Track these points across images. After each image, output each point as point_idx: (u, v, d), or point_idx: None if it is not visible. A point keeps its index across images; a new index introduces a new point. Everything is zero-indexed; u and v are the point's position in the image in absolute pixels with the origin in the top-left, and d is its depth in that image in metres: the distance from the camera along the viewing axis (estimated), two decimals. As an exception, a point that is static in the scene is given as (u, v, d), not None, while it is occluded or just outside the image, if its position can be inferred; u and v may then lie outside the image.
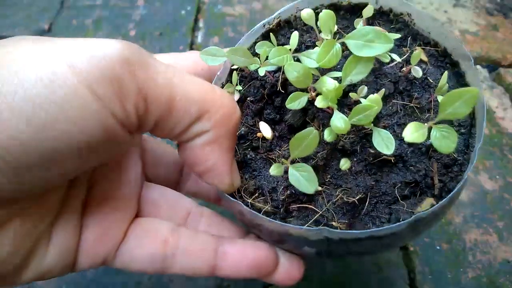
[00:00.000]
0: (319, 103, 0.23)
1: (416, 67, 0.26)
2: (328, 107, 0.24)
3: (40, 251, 0.23)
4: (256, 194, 0.26)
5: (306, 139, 0.22)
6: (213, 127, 0.21)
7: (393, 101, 0.25)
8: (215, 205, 0.35)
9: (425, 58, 0.27)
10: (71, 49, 0.18)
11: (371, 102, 0.22)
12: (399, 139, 0.24)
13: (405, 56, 0.26)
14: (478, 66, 0.67)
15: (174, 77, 0.20)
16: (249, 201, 0.25)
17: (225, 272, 0.26)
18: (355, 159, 0.24)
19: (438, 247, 0.44)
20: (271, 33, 0.27)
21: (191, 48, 0.68)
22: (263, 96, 0.28)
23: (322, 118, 0.25)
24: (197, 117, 0.21)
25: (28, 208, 0.22)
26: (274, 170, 0.24)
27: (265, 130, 0.27)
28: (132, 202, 0.27)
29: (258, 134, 0.27)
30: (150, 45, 0.68)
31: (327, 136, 0.23)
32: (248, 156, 0.27)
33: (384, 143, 0.22)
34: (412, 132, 0.21)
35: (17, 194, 0.20)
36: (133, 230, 0.26)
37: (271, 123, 0.27)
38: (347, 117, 0.23)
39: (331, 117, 0.23)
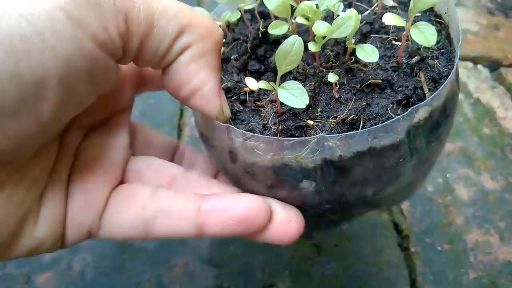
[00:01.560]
0: (300, 20, 0.23)
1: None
2: (311, 37, 0.24)
3: (30, 223, 0.22)
4: (247, 135, 0.24)
5: (292, 48, 0.21)
6: (196, 41, 0.21)
7: (372, 36, 0.26)
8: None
9: (394, 4, 0.28)
10: None
11: (348, 15, 0.22)
12: (383, 69, 0.25)
13: (375, 5, 0.28)
14: (479, 66, 0.66)
15: None
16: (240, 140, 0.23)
17: (212, 230, 0.24)
18: (343, 89, 0.24)
19: (439, 248, 0.43)
20: None
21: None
22: (246, 50, 0.28)
23: (306, 59, 0.25)
24: (179, 31, 0.20)
25: (18, 174, 0.21)
26: (263, 84, 0.23)
27: (251, 83, 0.26)
28: (116, 171, 0.26)
29: (245, 89, 0.27)
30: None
31: (312, 46, 0.23)
32: (236, 108, 0.26)
33: (367, 54, 0.23)
34: (392, 17, 0.22)
35: (6, 149, 0.19)
36: (113, 196, 0.25)
37: (257, 75, 0.28)
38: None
39: (313, 56, 0.23)
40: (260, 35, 0.27)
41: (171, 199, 0.25)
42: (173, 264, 0.41)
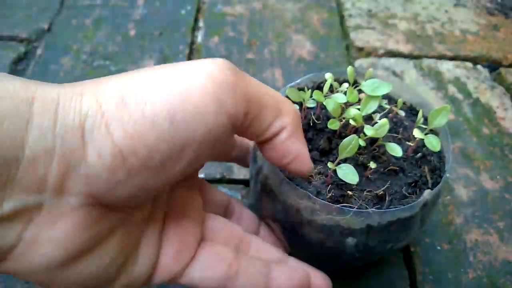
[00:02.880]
0: (352, 122, 0.33)
1: (400, 110, 0.38)
2: (347, 133, 0.35)
3: (129, 264, 0.25)
4: (315, 200, 0.31)
5: (351, 143, 0.31)
6: (289, 123, 0.27)
7: (387, 134, 0.36)
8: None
9: (403, 114, 0.39)
10: (202, 65, 0.23)
11: (383, 122, 0.33)
12: (396, 159, 0.35)
13: (387, 109, 0.37)
14: (479, 66, 0.67)
15: (257, 81, 0.26)
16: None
17: None
18: (371, 171, 0.34)
19: (438, 248, 0.44)
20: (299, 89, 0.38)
21: (191, 48, 0.68)
22: None
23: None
24: (277, 114, 0.26)
25: (127, 218, 0.25)
26: (330, 165, 0.32)
27: None
28: (200, 227, 0.30)
29: None
30: (150, 45, 0.68)
31: (361, 142, 0.32)
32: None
33: (394, 150, 0.33)
34: (418, 133, 0.33)
35: (135, 196, 0.23)
36: (201, 252, 0.29)
37: None
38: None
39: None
40: (310, 124, 0.36)
41: (248, 263, 0.30)
42: (173, 264, 0.41)
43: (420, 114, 0.35)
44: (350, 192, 0.32)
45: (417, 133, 0.33)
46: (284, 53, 0.68)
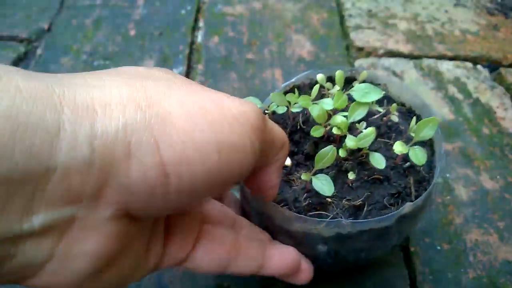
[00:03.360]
0: (335, 131, 0.32)
1: (394, 114, 0.36)
2: (335, 137, 0.34)
3: (144, 260, 0.27)
4: (282, 204, 0.32)
5: (328, 154, 0.31)
6: (282, 156, 0.29)
7: (378, 139, 0.35)
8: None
9: (397, 119, 0.37)
10: (238, 105, 0.24)
11: (368, 132, 0.32)
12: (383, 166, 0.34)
13: (383, 111, 0.36)
14: (479, 66, 0.67)
15: (271, 123, 0.28)
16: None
17: (269, 271, 0.32)
18: (354, 178, 0.33)
19: (438, 247, 0.44)
20: (290, 92, 0.38)
21: (191, 48, 0.68)
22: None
23: None
24: (279, 150, 0.28)
25: (144, 224, 0.26)
26: (304, 176, 0.32)
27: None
28: (199, 214, 0.31)
29: None
30: (150, 45, 0.68)
31: (341, 153, 0.32)
32: None
33: (377, 161, 0.32)
34: (399, 147, 0.31)
35: (163, 213, 0.25)
36: (203, 236, 0.30)
37: (291, 154, 0.35)
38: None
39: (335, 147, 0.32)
40: (298, 127, 0.36)
41: (247, 244, 0.32)
42: (173, 264, 0.41)
43: (413, 122, 0.34)
44: (329, 200, 0.32)
45: (397, 147, 0.31)
46: (284, 53, 0.68)
